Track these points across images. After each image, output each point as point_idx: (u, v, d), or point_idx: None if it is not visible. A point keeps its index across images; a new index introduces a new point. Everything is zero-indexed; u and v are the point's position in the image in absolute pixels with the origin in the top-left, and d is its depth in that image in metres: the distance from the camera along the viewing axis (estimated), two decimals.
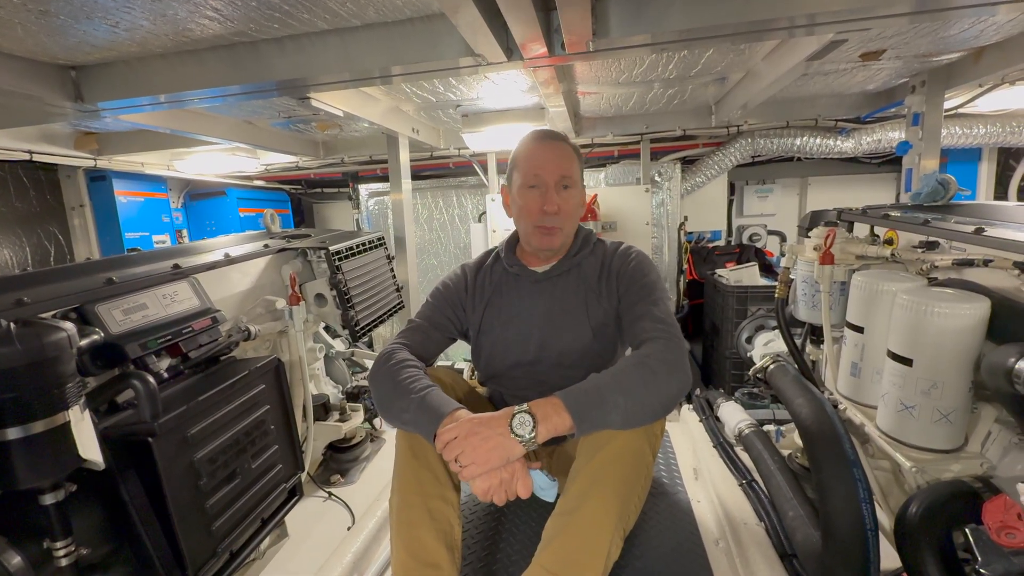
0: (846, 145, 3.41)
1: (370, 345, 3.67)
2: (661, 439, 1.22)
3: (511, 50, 1.41)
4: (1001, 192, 3.67)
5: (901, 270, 1.37)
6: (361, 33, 1.50)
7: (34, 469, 0.85)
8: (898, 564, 1.01)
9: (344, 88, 1.84)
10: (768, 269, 3.67)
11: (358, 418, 2.05)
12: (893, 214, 1.51)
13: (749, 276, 3.41)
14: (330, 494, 1.84)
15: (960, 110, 2.99)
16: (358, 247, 2.06)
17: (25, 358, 0.81)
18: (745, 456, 1.74)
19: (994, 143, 3.24)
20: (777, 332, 2.12)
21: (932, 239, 1.30)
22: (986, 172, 3.65)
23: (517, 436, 0.90)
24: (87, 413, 0.92)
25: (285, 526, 1.60)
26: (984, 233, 1.14)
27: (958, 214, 1.37)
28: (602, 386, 0.95)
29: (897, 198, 3.96)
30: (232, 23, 1.40)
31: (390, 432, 2.22)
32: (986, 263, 1.11)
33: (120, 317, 1.17)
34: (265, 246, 1.86)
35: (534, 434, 0.90)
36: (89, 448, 0.90)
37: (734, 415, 1.95)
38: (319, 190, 4.93)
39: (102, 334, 1.06)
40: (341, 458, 2.01)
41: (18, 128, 2.54)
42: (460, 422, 0.94)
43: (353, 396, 2.21)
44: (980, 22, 1.72)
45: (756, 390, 2.60)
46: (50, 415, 0.85)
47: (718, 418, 2.06)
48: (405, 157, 2.85)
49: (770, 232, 4.10)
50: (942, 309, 1.03)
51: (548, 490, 0.95)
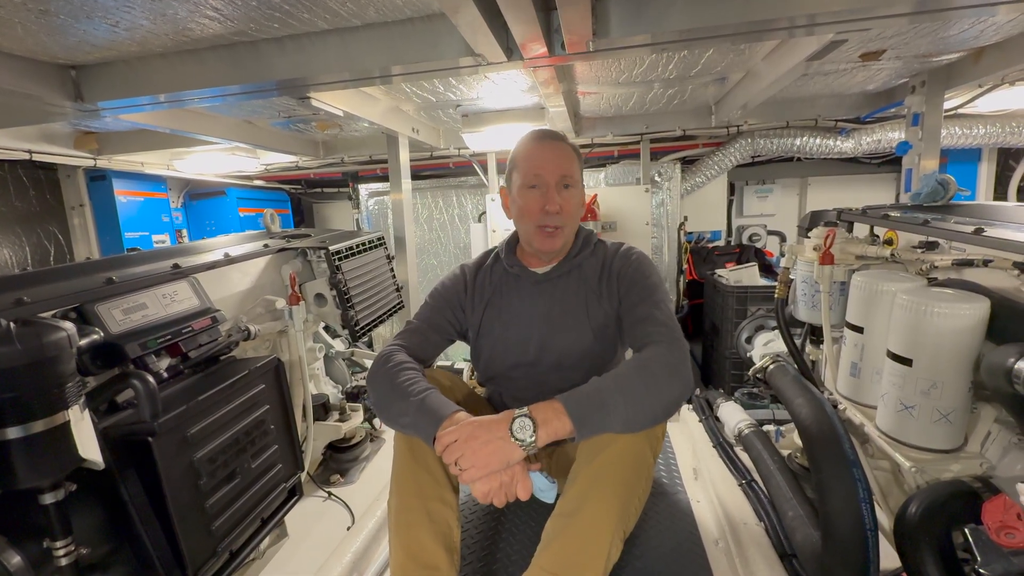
0: (846, 145, 3.41)
1: (370, 345, 3.67)
2: (662, 441, 1.21)
3: (511, 50, 1.41)
4: (1001, 192, 3.67)
5: (901, 270, 1.37)
6: (361, 33, 1.50)
7: (34, 468, 0.85)
8: (898, 564, 1.01)
9: (344, 88, 1.84)
10: (768, 269, 3.68)
11: (358, 418, 2.05)
12: (893, 214, 1.51)
13: (749, 276, 3.41)
14: (330, 494, 1.84)
15: (960, 110, 2.99)
16: (358, 247, 2.06)
17: (25, 358, 0.81)
18: (745, 456, 1.75)
19: (994, 143, 3.24)
20: (777, 332, 2.13)
21: (932, 239, 1.31)
22: (986, 172, 3.65)
23: (517, 440, 0.90)
24: (87, 413, 0.92)
25: (285, 526, 1.60)
26: (984, 233, 1.14)
27: (958, 214, 1.37)
28: (603, 390, 0.95)
29: (897, 198, 3.96)
30: (232, 23, 1.40)
31: (389, 432, 2.22)
32: (986, 263, 1.11)
33: (120, 317, 1.17)
34: (265, 246, 1.86)
35: (534, 438, 0.90)
36: (89, 448, 0.90)
37: (734, 415, 1.95)
38: (319, 190, 4.93)
39: (102, 334, 1.06)
40: (341, 458, 2.01)
41: (18, 128, 2.54)
42: (460, 425, 0.94)
43: (353, 396, 2.21)
44: (980, 22, 1.72)
45: (756, 390, 2.60)
46: (50, 415, 0.85)
47: (718, 418, 2.06)
48: (405, 157, 2.85)
49: (770, 232, 4.10)
50: (942, 309, 1.03)
51: (547, 491, 0.94)
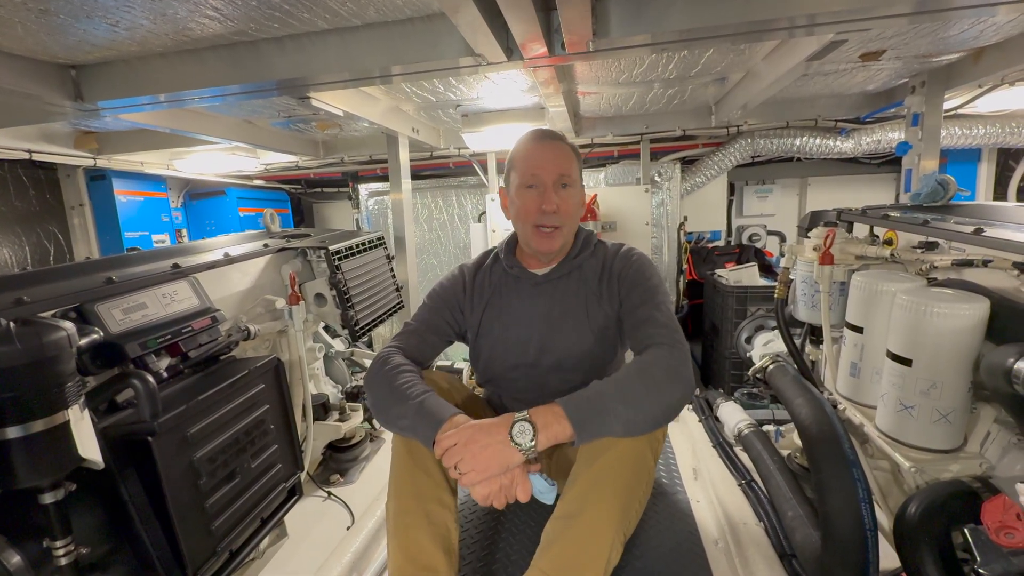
0: (846, 145, 3.41)
1: (369, 345, 3.67)
2: (663, 444, 1.20)
3: (511, 50, 1.41)
4: (1000, 193, 3.67)
5: (900, 270, 1.37)
6: (361, 33, 1.50)
7: (34, 468, 0.85)
8: (897, 564, 1.01)
9: (344, 88, 1.84)
10: (768, 269, 3.67)
11: (357, 418, 2.05)
12: (892, 214, 1.51)
13: (749, 276, 3.41)
14: (329, 494, 1.84)
15: (960, 111, 3.00)
16: (358, 247, 2.06)
17: (25, 357, 0.81)
18: (744, 456, 1.75)
19: (993, 144, 3.25)
20: (776, 332, 2.13)
21: (931, 239, 1.31)
22: (985, 173, 3.65)
23: (517, 444, 0.90)
24: (86, 412, 0.92)
25: (284, 526, 1.60)
26: (983, 233, 1.14)
27: (957, 214, 1.37)
28: (604, 394, 0.94)
29: (897, 198, 3.96)
30: (232, 22, 1.40)
31: (389, 432, 2.21)
32: (985, 263, 1.11)
33: (120, 316, 1.17)
34: (265, 246, 1.86)
35: (534, 443, 0.90)
36: (88, 447, 0.90)
37: (733, 415, 1.95)
38: (319, 190, 4.93)
39: (102, 333, 1.06)
40: (340, 458, 2.01)
41: (18, 127, 2.54)
42: (459, 428, 0.93)
43: (353, 396, 2.21)
44: (980, 23, 1.72)
45: (755, 390, 2.60)
46: (50, 414, 0.85)
47: (717, 418, 2.06)
48: (405, 157, 2.85)
49: (770, 232, 4.10)
50: (941, 309, 1.03)
51: (547, 493, 0.94)
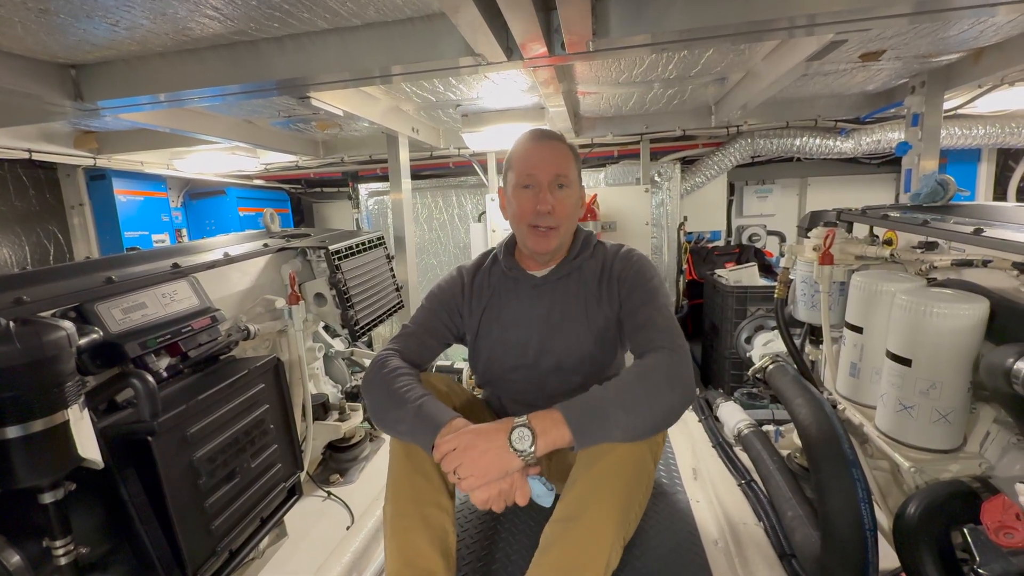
0: (846, 145, 3.41)
1: (369, 345, 3.67)
2: (663, 446, 1.20)
3: (511, 50, 1.41)
4: (1000, 193, 3.67)
5: (900, 270, 1.37)
6: (361, 32, 1.50)
7: (33, 468, 0.85)
8: (897, 564, 1.01)
9: (344, 87, 1.84)
10: (767, 269, 3.67)
11: (357, 417, 2.05)
12: (892, 214, 1.51)
13: (748, 276, 3.41)
14: (329, 493, 1.84)
15: (959, 111, 3.00)
16: (358, 246, 2.06)
17: (24, 357, 0.81)
18: (744, 456, 1.75)
19: (993, 144, 3.25)
20: (776, 332, 2.13)
21: (931, 240, 1.31)
22: (985, 173, 3.65)
23: (516, 450, 0.90)
24: (86, 412, 0.92)
25: (284, 525, 1.60)
26: (983, 234, 1.14)
27: (957, 215, 1.37)
28: (604, 400, 0.93)
29: (896, 199, 3.96)
30: (232, 22, 1.40)
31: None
32: (985, 264, 1.11)
33: (119, 316, 1.17)
34: (265, 245, 1.86)
35: (533, 448, 0.89)
36: (88, 447, 0.90)
37: (733, 415, 1.96)
38: (319, 189, 4.93)
39: (101, 333, 1.06)
40: (340, 457, 2.01)
41: (17, 127, 2.54)
42: (458, 433, 0.93)
43: (352, 396, 2.21)
44: (980, 23, 1.72)
45: (755, 390, 2.60)
46: (49, 414, 0.85)
47: (717, 418, 2.06)
48: (405, 157, 2.85)
49: (769, 232, 4.10)
50: (941, 309, 1.03)
51: (545, 497, 0.94)
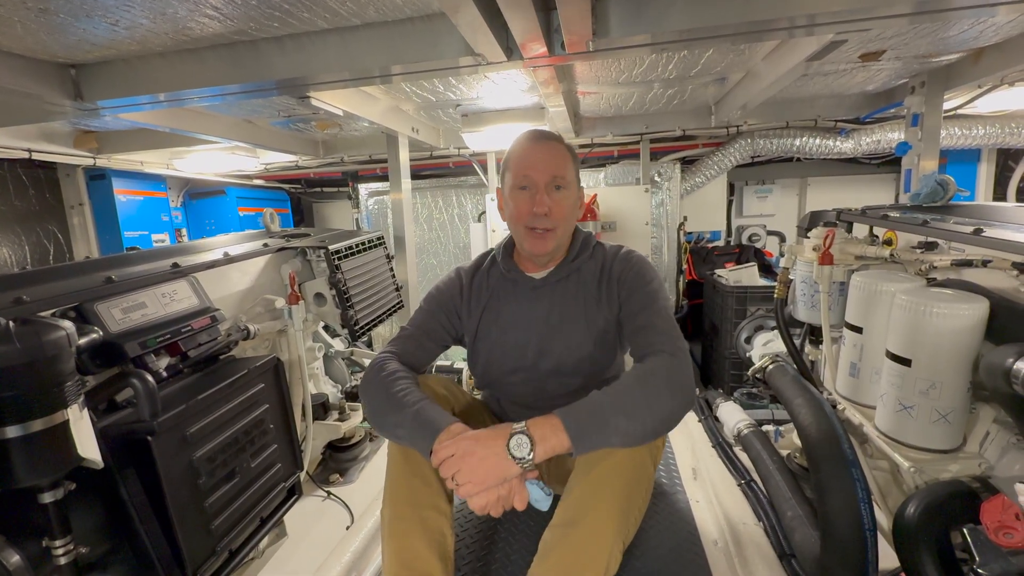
0: (845, 146, 3.41)
1: (369, 344, 3.67)
2: (663, 449, 1.19)
3: (511, 50, 1.41)
4: (1000, 193, 3.67)
5: (900, 270, 1.37)
6: (361, 32, 1.50)
7: (33, 467, 0.85)
8: (896, 564, 1.01)
9: (344, 87, 1.84)
10: (767, 269, 3.67)
11: (357, 417, 2.05)
12: (892, 215, 1.51)
13: (748, 276, 3.41)
14: (329, 493, 1.84)
15: (959, 111, 3.00)
16: (357, 246, 2.06)
17: (24, 356, 0.81)
18: (744, 456, 1.75)
19: (993, 144, 3.25)
20: (776, 332, 2.13)
21: (931, 240, 1.31)
22: (985, 173, 3.65)
23: (514, 457, 0.90)
24: (86, 412, 0.92)
25: (284, 525, 1.60)
26: (983, 234, 1.14)
27: (957, 215, 1.37)
28: (603, 406, 0.93)
29: (896, 199, 3.96)
30: (232, 22, 1.40)
31: None
32: (985, 264, 1.11)
33: (119, 316, 1.17)
34: (264, 245, 1.86)
35: (531, 455, 0.89)
36: (88, 447, 0.90)
37: (733, 415, 1.96)
38: (319, 189, 4.92)
39: (101, 333, 1.06)
40: (340, 457, 2.01)
41: (17, 126, 2.54)
42: (456, 439, 0.93)
43: (352, 395, 2.21)
44: (980, 23, 1.72)
45: (755, 390, 2.61)
46: (49, 414, 0.85)
47: (717, 418, 2.06)
48: (405, 156, 2.84)
49: (769, 232, 4.10)
50: (941, 309, 1.03)
51: (543, 501, 0.94)
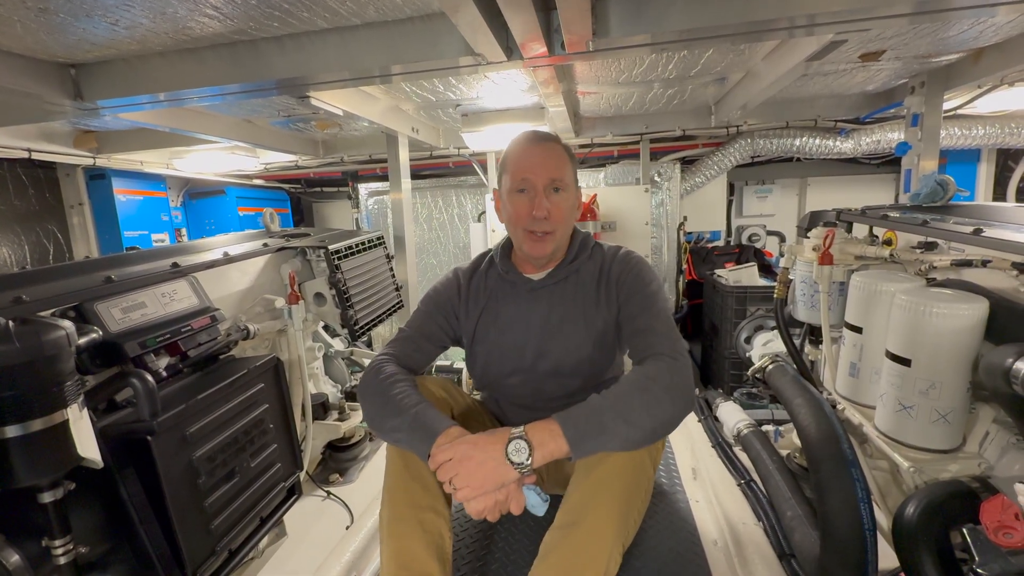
0: (845, 146, 3.41)
1: (369, 344, 3.67)
2: (663, 451, 1.19)
3: (511, 49, 1.41)
4: (1000, 193, 3.67)
5: (900, 271, 1.37)
6: (361, 32, 1.50)
7: (32, 467, 0.85)
8: (896, 564, 1.01)
9: (344, 87, 1.84)
10: (767, 269, 3.67)
11: (357, 417, 2.05)
12: (892, 215, 1.51)
13: (748, 276, 3.41)
14: (329, 493, 1.84)
15: (959, 111, 2.99)
16: (357, 246, 2.06)
17: (24, 356, 0.81)
18: (744, 456, 1.75)
19: (993, 144, 3.25)
20: (776, 332, 2.13)
21: (931, 240, 1.31)
22: (985, 173, 3.65)
23: (512, 462, 0.90)
24: (86, 411, 0.92)
25: (284, 525, 1.60)
26: (983, 234, 1.14)
27: (957, 215, 1.37)
28: (602, 411, 0.93)
29: (896, 199, 3.96)
30: (232, 21, 1.40)
31: None
32: (984, 264, 1.11)
33: (119, 315, 1.17)
34: (264, 245, 1.86)
35: (530, 461, 0.89)
36: (87, 446, 0.90)
37: (733, 415, 1.96)
38: (319, 189, 4.92)
39: (101, 332, 1.06)
40: (340, 457, 2.01)
41: (17, 126, 2.54)
42: (454, 443, 0.93)
43: (352, 395, 2.21)
44: (980, 23, 1.72)
45: (755, 390, 2.61)
46: (49, 413, 0.85)
47: (717, 418, 2.07)
48: (405, 156, 2.84)
49: (769, 232, 4.10)
50: (940, 309, 1.03)
51: (539, 507, 0.94)
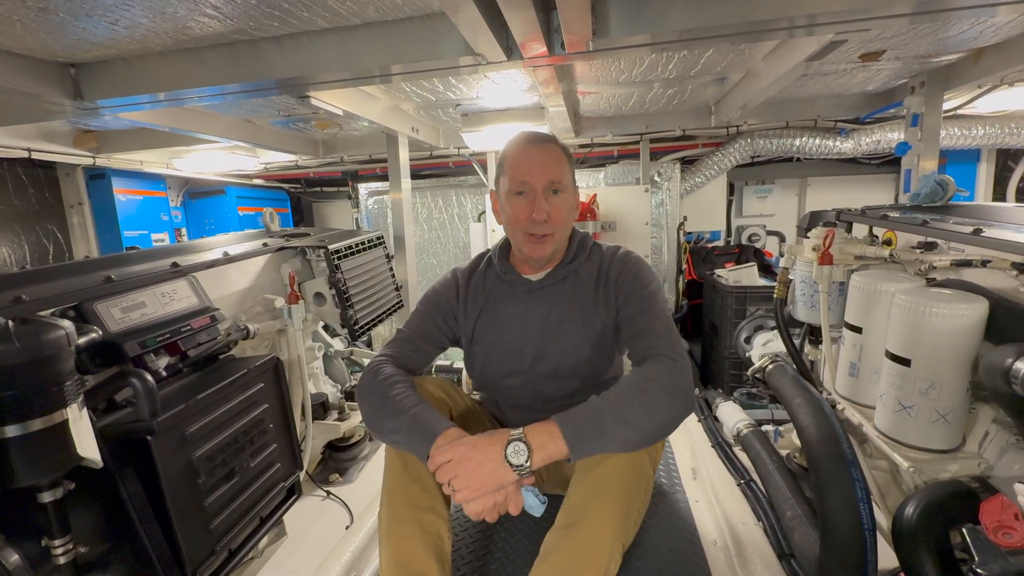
0: (845, 146, 3.41)
1: (369, 344, 3.67)
2: (663, 450, 1.19)
3: (511, 49, 1.41)
4: (999, 193, 3.67)
5: (899, 271, 1.37)
6: (361, 32, 1.49)
7: (32, 467, 0.85)
8: (895, 564, 1.01)
9: (344, 87, 1.84)
10: (767, 269, 3.67)
11: (356, 417, 2.05)
12: (892, 215, 1.51)
13: (748, 276, 3.41)
14: (328, 493, 1.84)
15: (959, 111, 2.99)
16: (357, 246, 2.06)
17: (23, 356, 0.81)
18: (743, 456, 1.75)
19: (993, 144, 3.25)
20: (776, 332, 2.13)
21: (930, 240, 1.31)
22: (984, 173, 3.65)
23: (511, 464, 0.90)
24: (85, 411, 0.92)
25: (283, 525, 1.60)
26: (982, 234, 1.14)
27: (956, 215, 1.37)
28: (602, 413, 0.92)
29: (896, 199, 3.96)
30: (232, 21, 1.40)
31: None
32: (984, 264, 1.11)
33: (119, 315, 1.17)
34: (264, 245, 1.86)
35: (529, 463, 0.90)
36: (87, 446, 0.90)
37: (732, 415, 1.96)
38: (318, 189, 4.92)
39: (100, 332, 1.06)
40: (340, 457, 2.01)
41: (17, 126, 2.54)
42: (453, 445, 0.93)
43: (352, 395, 2.21)
44: (979, 23, 1.72)
45: (755, 390, 2.61)
46: (48, 413, 0.85)
47: (716, 418, 2.07)
48: (405, 156, 2.84)
49: (769, 232, 4.10)
50: (940, 309, 1.03)
51: (537, 508, 0.94)
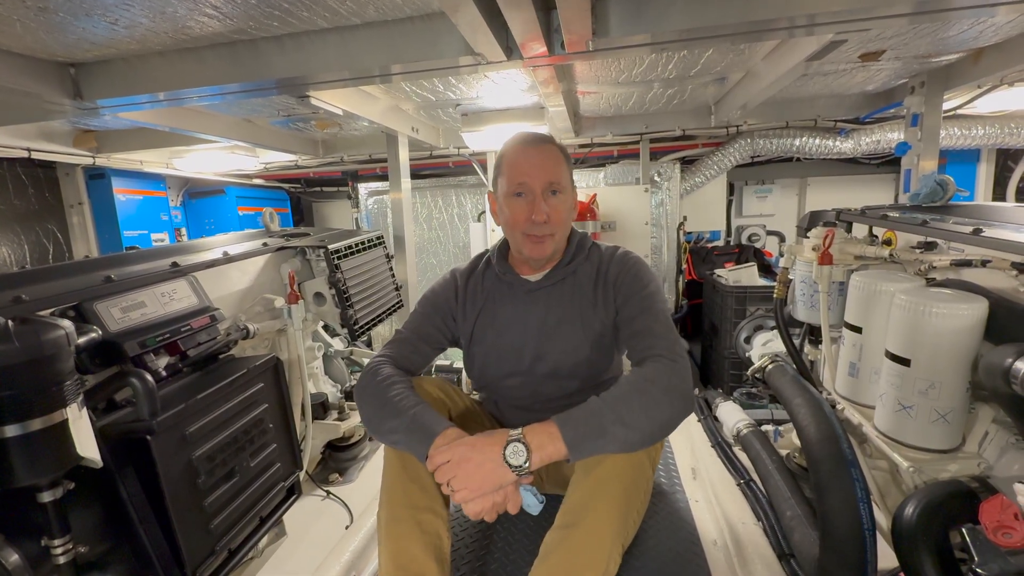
0: (845, 146, 3.41)
1: (369, 344, 3.67)
2: (662, 450, 1.19)
3: (511, 49, 1.41)
4: (999, 193, 3.67)
5: (899, 270, 1.37)
6: (361, 31, 1.49)
7: (32, 467, 0.85)
8: (895, 564, 1.01)
9: (344, 87, 1.84)
10: (767, 269, 3.67)
11: (356, 417, 2.05)
12: (892, 215, 1.51)
13: (748, 276, 3.41)
14: (328, 493, 1.84)
15: (959, 111, 2.99)
16: (357, 246, 2.06)
17: (23, 356, 0.81)
18: (743, 456, 1.75)
19: (993, 144, 3.25)
20: (775, 332, 2.13)
21: (930, 240, 1.31)
22: (984, 173, 3.65)
23: (510, 465, 0.90)
24: (85, 411, 0.92)
25: (283, 525, 1.60)
26: (982, 234, 1.14)
27: (956, 215, 1.37)
28: (601, 413, 0.92)
29: (896, 199, 3.97)
30: (232, 21, 1.40)
31: None
32: (984, 264, 1.11)
33: (118, 315, 1.17)
34: (264, 244, 1.86)
35: (528, 463, 0.90)
36: (87, 446, 0.90)
37: (732, 415, 1.96)
38: (318, 189, 4.92)
39: (100, 332, 1.06)
40: (340, 457, 2.01)
41: (17, 125, 2.54)
42: (452, 445, 0.93)
43: (352, 395, 2.21)
44: (979, 23, 1.72)
45: (754, 390, 2.61)
46: (48, 413, 0.85)
47: (716, 418, 2.07)
48: (404, 156, 2.84)
49: (769, 232, 4.09)
50: (940, 309, 1.03)
51: (535, 507, 0.94)
